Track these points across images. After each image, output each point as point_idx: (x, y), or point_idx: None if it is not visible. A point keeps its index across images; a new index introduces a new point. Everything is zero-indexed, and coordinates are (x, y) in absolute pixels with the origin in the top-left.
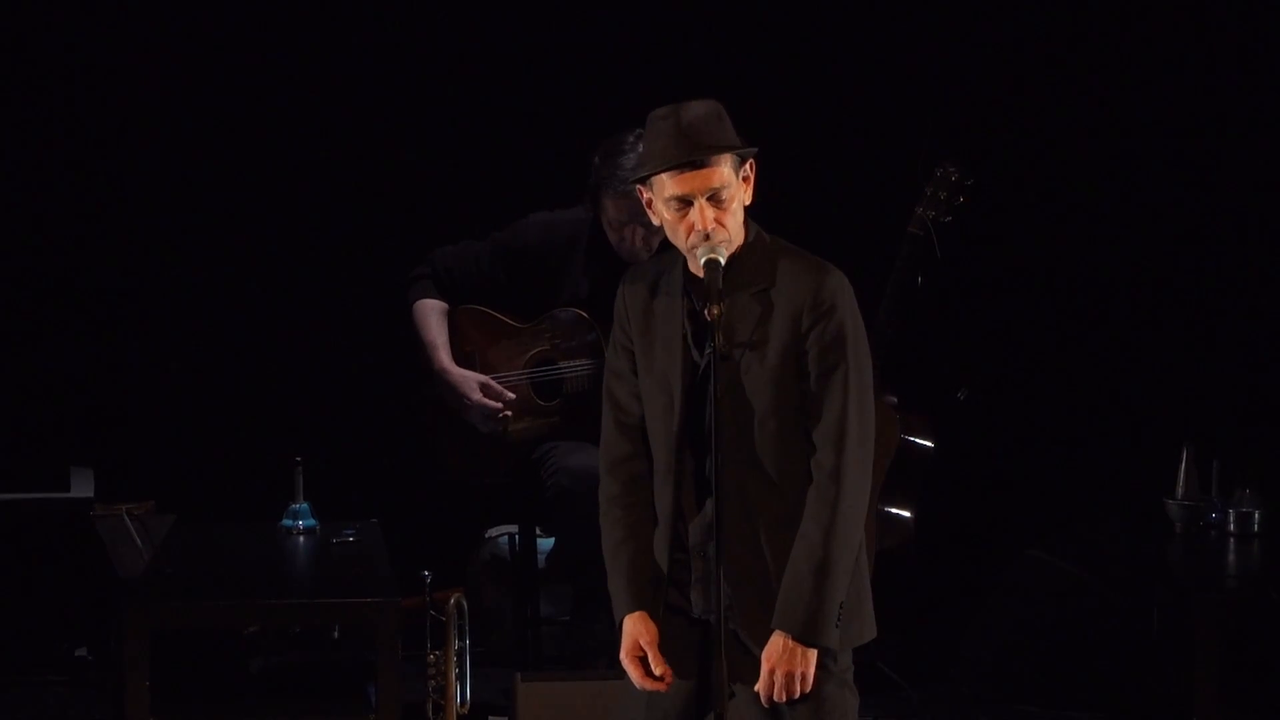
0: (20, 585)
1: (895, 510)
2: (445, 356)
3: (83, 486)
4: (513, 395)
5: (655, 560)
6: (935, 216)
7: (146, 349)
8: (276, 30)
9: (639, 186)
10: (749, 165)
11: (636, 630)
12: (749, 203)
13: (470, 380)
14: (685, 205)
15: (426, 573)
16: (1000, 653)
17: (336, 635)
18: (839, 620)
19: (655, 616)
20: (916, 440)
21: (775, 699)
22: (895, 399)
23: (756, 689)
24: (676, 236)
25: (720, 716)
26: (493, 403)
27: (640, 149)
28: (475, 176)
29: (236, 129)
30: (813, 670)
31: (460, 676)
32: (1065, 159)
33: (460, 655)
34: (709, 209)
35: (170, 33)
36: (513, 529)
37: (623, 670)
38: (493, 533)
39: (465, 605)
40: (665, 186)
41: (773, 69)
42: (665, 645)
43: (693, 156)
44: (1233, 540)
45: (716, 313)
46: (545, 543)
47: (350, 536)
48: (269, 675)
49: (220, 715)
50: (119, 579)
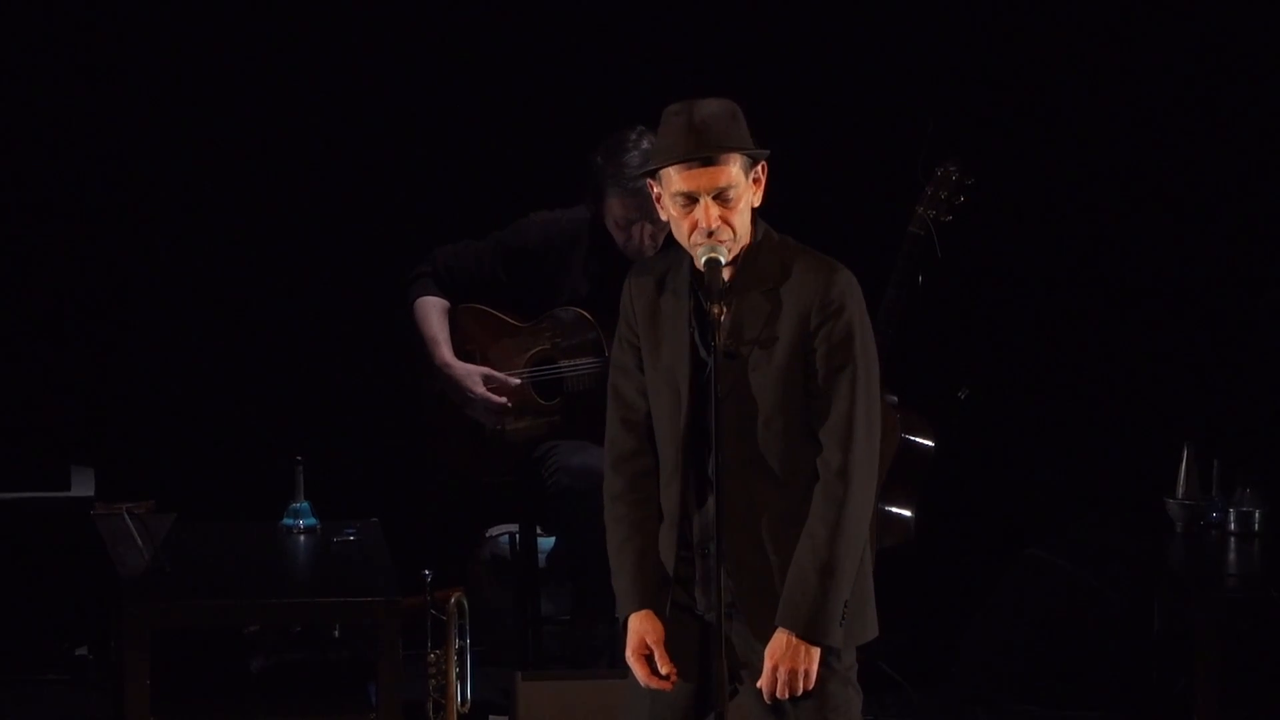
0: (21, 584)
1: (895, 509)
2: (447, 351)
3: (83, 486)
4: (517, 382)
5: (661, 558)
6: (936, 216)
7: (147, 349)
8: (277, 30)
9: (649, 180)
10: (760, 167)
11: (643, 628)
12: (758, 204)
13: (473, 374)
14: (691, 202)
15: (427, 572)
16: (1000, 653)
17: (337, 634)
18: (843, 619)
19: (661, 615)
20: (917, 439)
21: (778, 696)
22: (896, 398)
23: (759, 686)
24: (680, 232)
25: (722, 714)
26: (496, 396)
27: (644, 146)
28: (475, 176)
29: (237, 129)
30: (816, 668)
31: (461, 676)
32: (1066, 158)
33: (461, 654)
34: (714, 207)
35: (170, 32)
36: (513, 528)
37: (624, 669)
38: (493, 532)
39: (466, 604)
40: (672, 181)
41: (773, 68)
42: (670, 643)
43: (700, 154)
44: (1233, 539)
45: (718, 311)
46: (546, 542)
47: (351, 535)
48: (269, 674)
49: (220, 714)
50: (119, 578)
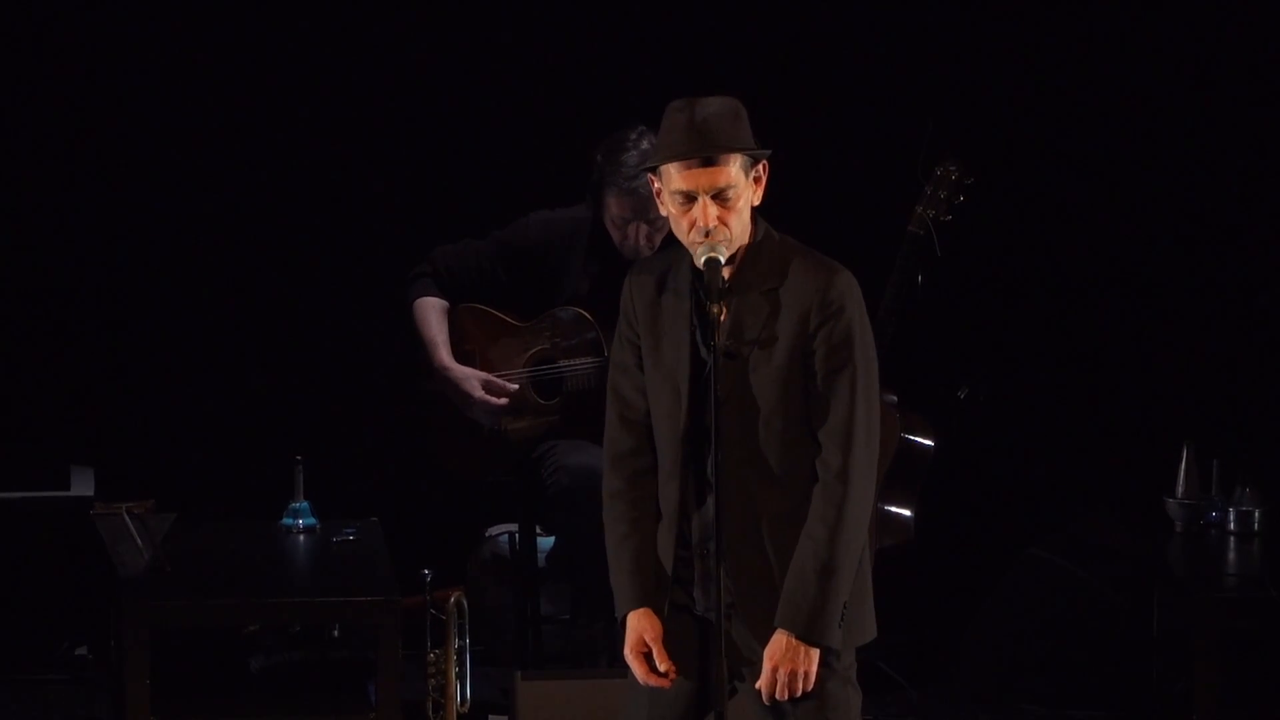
0: (21, 584)
1: (895, 509)
2: (446, 354)
3: (83, 485)
4: (515, 386)
5: (659, 557)
6: (936, 215)
7: (147, 348)
8: (277, 30)
9: (650, 175)
10: (761, 167)
11: (641, 626)
12: (758, 204)
13: (472, 377)
14: (690, 201)
15: (427, 571)
16: (1000, 653)
17: (336, 634)
18: (842, 620)
19: (659, 613)
20: (916, 439)
21: (777, 697)
22: (895, 398)
23: (758, 686)
24: (679, 230)
25: (721, 714)
26: (495, 399)
27: (643, 146)
28: (475, 176)
29: (237, 128)
30: (815, 669)
31: (460, 675)
32: (1066, 158)
33: (460, 654)
34: (713, 206)
35: (170, 32)
36: (513, 528)
37: (624, 669)
38: (493, 531)
39: (465, 604)
40: (672, 179)
41: (772, 68)
42: (669, 642)
43: (700, 153)
44: (1233, 539)
45: (717, 311)
46: (545, 541)
47: (350, 535)
48: (269, 674)
49: (220, 714)
50: (119, 578)
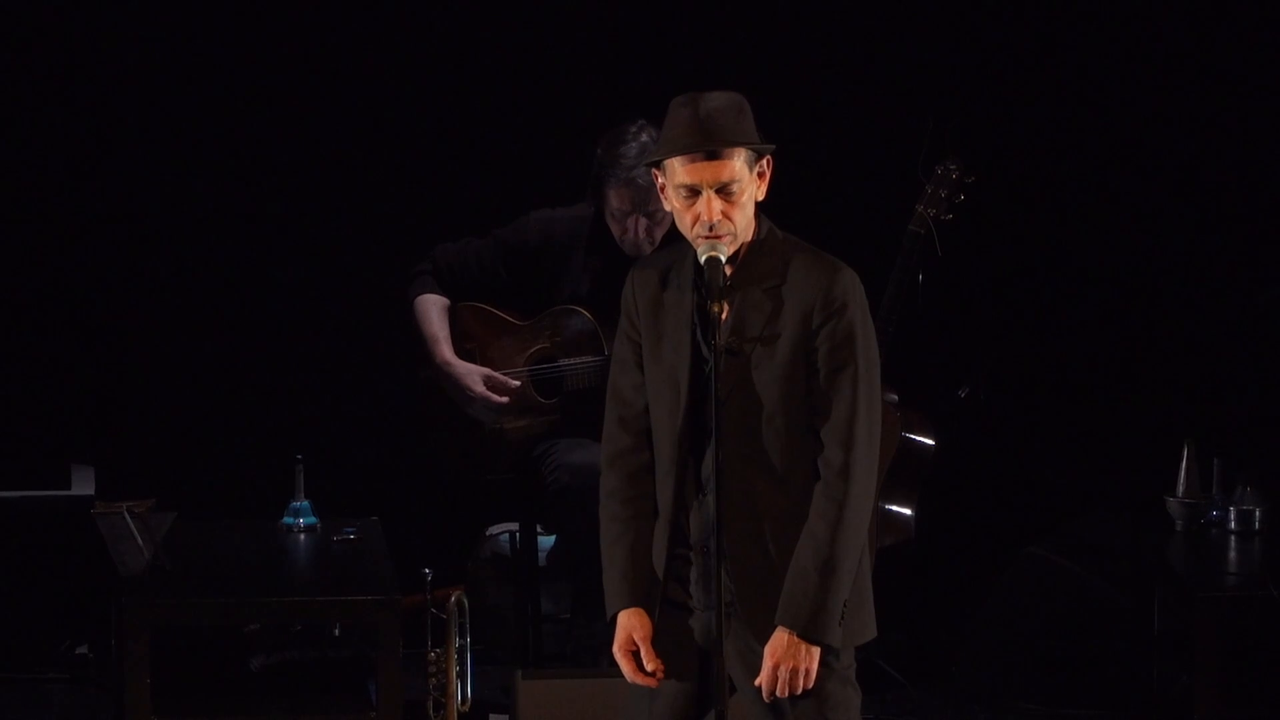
0: (21, 583)
1: (895, 508)
2: (447, 350)
3: (83, 484)
4: (517, 383)
5: (654, 555)
6: (936, 214)
7: (147, 347)
8: (276, 29)
9: (654, 169)
10: (765, 162)
11: (630, 625)
12: (762, 199)
13: (474, 373)
14: (694, 195)
15: (427, 570)
16: (1000, 652)
17: (337, 633)
18: (842, 618)
19: (650, 612)
20: (917, 438)
21: (777, 694)
22: (896, 397)
23: (758, 684)
24: (683, 224)
25: (721, 713)
26: (497, 396)
27: (643, 139)
28: (475, 175)
29: (236, 128)
30: (815, 667)
31: (461, 674)
32: (1067, 157)
33: (461, 653)
34: (717, 201)
35: (170, 31)
36: (513, 526)
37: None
38: (493, 530)
39: (466, 603)
40: (676, 173)
41: (773, 67)
42: (667, 640)
43: (704, 147)
44: (1233, 538)
45: (718, 310)
46: (546, 540)
47: (351, 534)
48: (269, 673)
49: (221, 713)
50: (120, 577)
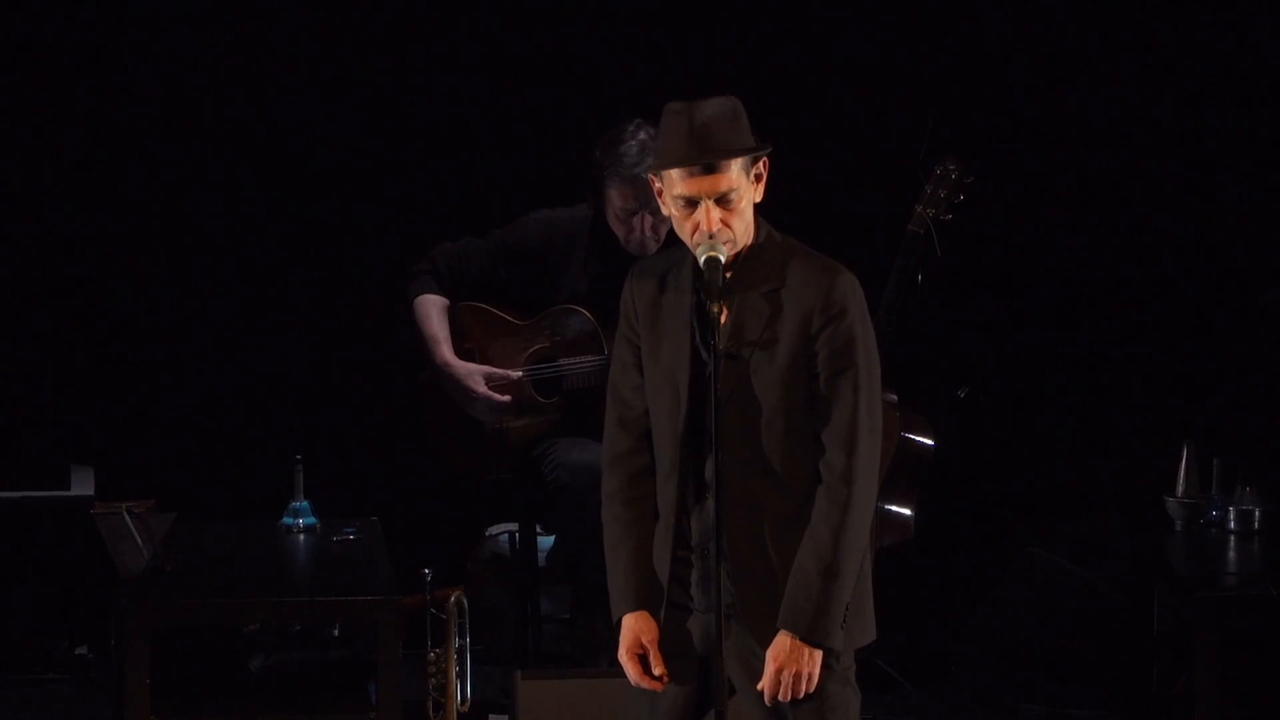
0: (21, 583)
1: (895, 508)
2: (447, 350)
3: (83, 484)
4: (518, 374)
5: (656, 558)
6: (936, 214)
7: (147, 348)
8: (277, 29)
9: (651, 175)
10: (761, 164)
11: (637, 628)
12: (760, 201)
13: (474, 373)
14: (692, 205)
15: (427, 570)
16: (1000, 652)
17: (337, 633)
18: (844, 621)
19: (656, 615)
20: (917, 438)
21: (780, 699)
22: (895, 397)
23: (760, 687)
24: (682, 232)
25: (721, 714)
26: (497, 395)
27: (641, 137)
28: (475, 176)
29: (237, 128)
30: (818, 670)
31: (461, 674)
32: (1066, 157)
33: (461, 653)
34: (715, 210)
35: (170, 31)
36: (513, 526)
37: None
38: (493, 530)
39: (465, 603)
40: (674, 184)
41: (772, 66)
42: (667, 642)
43: (701, 160)
44: (1233, 538)
45: (718, 310)
46: (546, 540)
47: (350, 534)
48: (269, 673)
49: (220, 713)
50: (119, 577)
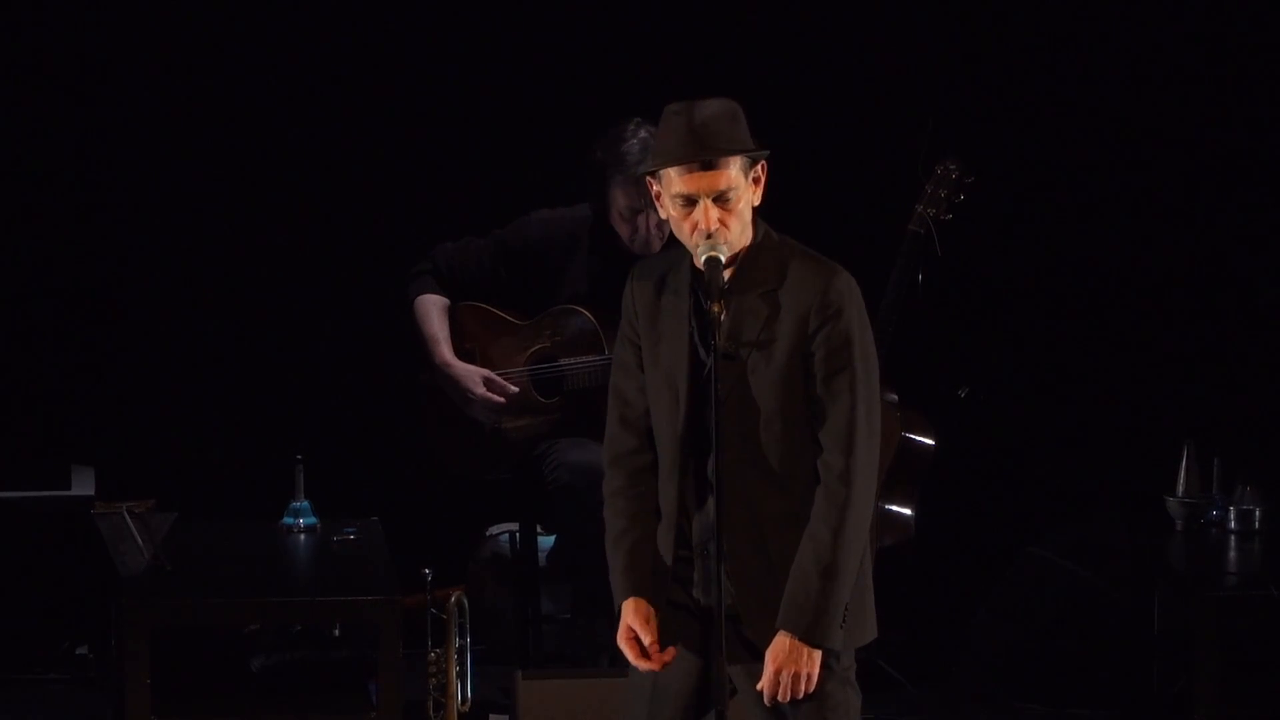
0: (21, 583)
1: (895, 508)
2: (447, 351)
3: (83, 484)
4: (516, 389)
5: (659, 555)
6: (936, 214)
7: (147, 347)
8: (276, 29)
9: (649, 178)
10: (760, 167)
11: (633, 611)
12: (758, 204)
13: (474, 374)
14: (690, 204)
15: (427, 570)
16: (1000, 652)
17: (337, 633)
18: (844, 621)
19: (652, 602)
20: (917, 438)
21: (780, 699)
22: (895, 396)
23: (759, 687)
24: (681, 232)
25: (721, 714)
26: (496, 397)
27: (642, 135)
28: (475, 176)
29: (237, 128)
30: (817, 671)
31: (461, 674)
32: (1066, 156)
33: (461, 653)
34: (714, 209)
35: (169, 31)
36: (514, 526)
37: (624, 667)
38: (494, 530)
39: (466, 603)
40: (672, 183)
41: (772, 67)
42: (669, 642)
43: (700, 157)
44: (1233, 538)
45: (717, 310)
46: (546, 540)
47: (351, 534)
48: (270, 673)
49: (221, 713)
50: (119, 577)
